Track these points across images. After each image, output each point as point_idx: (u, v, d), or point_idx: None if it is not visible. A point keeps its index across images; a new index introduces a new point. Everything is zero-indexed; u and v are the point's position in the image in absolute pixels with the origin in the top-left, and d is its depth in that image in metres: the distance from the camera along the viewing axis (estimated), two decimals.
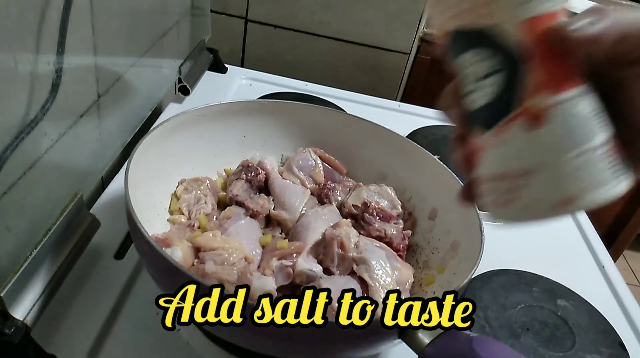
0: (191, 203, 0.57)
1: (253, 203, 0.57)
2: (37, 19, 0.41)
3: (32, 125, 0.42)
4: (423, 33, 1.25)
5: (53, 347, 0.46)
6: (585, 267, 0.71)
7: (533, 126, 0.28)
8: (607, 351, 0.57)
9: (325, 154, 0.66)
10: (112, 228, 0.58)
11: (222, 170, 0.64)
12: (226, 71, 1.00)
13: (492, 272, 0.64)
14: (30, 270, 0.44)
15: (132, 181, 0.46)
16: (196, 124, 0.60)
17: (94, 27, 0.52)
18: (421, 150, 0.61)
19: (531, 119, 0.28)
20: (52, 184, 0.48)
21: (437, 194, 0.59)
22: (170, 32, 0.77)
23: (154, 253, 0.41)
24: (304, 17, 1.15)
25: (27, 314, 0.43)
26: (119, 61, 0.61)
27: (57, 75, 0.45)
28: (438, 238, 0.57)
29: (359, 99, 1.00)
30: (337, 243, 0.52)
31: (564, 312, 0.61)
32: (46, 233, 0.46)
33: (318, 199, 0.62)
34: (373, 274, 0.50)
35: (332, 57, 1.19)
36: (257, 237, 0.55)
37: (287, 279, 0.50)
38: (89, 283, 0.53)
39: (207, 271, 0.46)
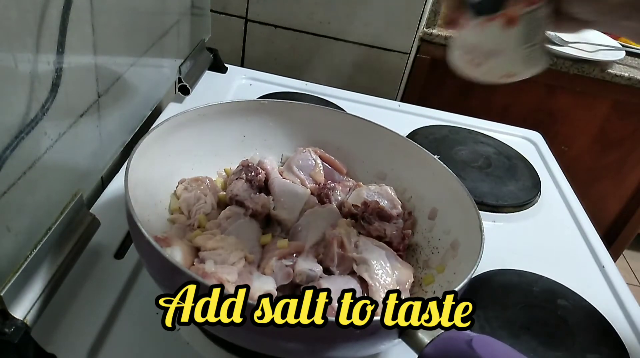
0: (191, 202, 0.57)
1: (253, 203, 0.57)
2: (37, 19, 0.41)
3: (32, 125, 0.42)
4: (423, 33, 1.25)
5: (53, 346, 0.46)
6: (585, 267, 0.71)
7: (508, 26, 0.42)
8: (607, 351, 0.57)
9: (325, 154, 0.66)
10: (112, 228, 0.58)
11: (222, 170, 0.64)
12: (226, 70, 1.00)
13: (492, 272, 0.64)
14: (30, 269, 0.44)
15: (132, 180, 0.46)
16: (196, 124, 0.60)
17: (94, 26, 0.52)
18: (421, 150, 0.61)
19: (508, 21, 0.42)
20: (52, 184, 0.48)
21: (437, 194, 0.59)
22: (170, 31, 0.77)
23: (153, 252, 0.41)
24: (304, 17, 1.15)
25: (27, 313, 0.43)
26: (119, 61, 0.61)
27: (57, 75, 0.45)
28: (438, 237, 0.58)
29: (359, 99, 1.00)
30: (337, 242, 0.52)
31: (564, 312, 0.61)
32: (46, 233, 0.46)
33: (318, 199, 0.62)
34: (373, 274, 0.50)
35: (332, 57, 1.19)
36: (257, 237, 0.55)
37: (287, 279, 0.50)
38: (89, 283, 0.53)
39: (207, 271, 0.46)
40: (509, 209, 0.78)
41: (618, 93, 1.31)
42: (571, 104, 1.34)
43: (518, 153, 0.92)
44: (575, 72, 1.28)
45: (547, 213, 0.80)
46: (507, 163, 0.88)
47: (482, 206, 0.75)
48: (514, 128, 1.02)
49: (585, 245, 0.75)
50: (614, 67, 1.30)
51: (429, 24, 1.25)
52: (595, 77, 1.28)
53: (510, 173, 0.85)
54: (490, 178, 0.83)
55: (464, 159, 0.87)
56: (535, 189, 0.83)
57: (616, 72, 1.28)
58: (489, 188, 0.81)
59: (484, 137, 0.95)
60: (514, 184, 0.83)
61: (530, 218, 0.78)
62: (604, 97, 1.33)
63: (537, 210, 0.80)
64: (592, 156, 1.43)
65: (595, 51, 1.31)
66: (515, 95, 1.32)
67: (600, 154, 1.42)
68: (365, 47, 1.17)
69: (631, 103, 1.33)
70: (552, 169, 0.92)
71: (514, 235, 0.74)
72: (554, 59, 1.26)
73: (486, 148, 0.91)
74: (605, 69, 1.28)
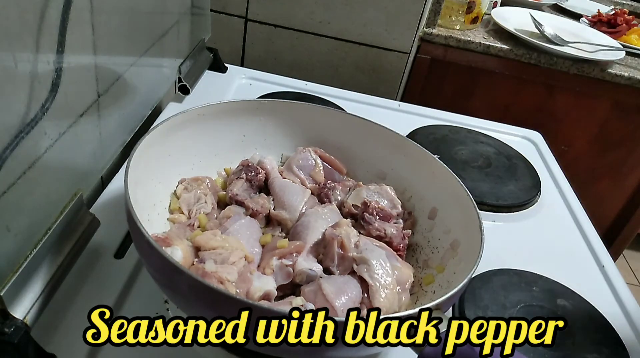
0: (191, 202, 0.57)
1: (253, 203, 0.57)
2: (37, 19, 0.41)
3: (32, 124, 0.42)
4: (423, 33, 1.25)
5: (53, 346, 0.46)
6: (585, 267, 0.71)
7: None
8: (607, 351, 0.57)
9: (325, 154, 0.66)
10: (112, 228, 0.58)
11: (222, 169, 0.64)
12: (226, 70, 1.00)
13: (492, 272, 0.64)
14: (30, 269, 0.44)
15: (132, 180, 0.46)
16: (196, 124, 0.60)
17: (94, 26, 0.52)
18: (421, 150, 0.61)
19: None
20: (52, 183, 0.48)
21: (437, 193, 0.59)
22: (170, 31, 0.77)
23: (153, 252, 0.41)
24: (304, 17, 1.15)
25: (27, 313, 0.43)
26: (118, 61, 0.61)
27: (57, 74, 0.45)
28: (438, 237, 0.57)
29: (359, 98, 1.00)
30: (337, 242, 0.52)
31: (564, 312, 0.61)
32: (46, 233, 0.46)
33: (318, 199, 0.62)
34: (373, 274, 0.50)
35: (332, 57, 1.19)
36: (257, 236, 0.55)
37: (287, 278, 0.50)
38: (89, 283, 0.53)
39: (207, 271, 0.46)
40: (509, 209, 0.78)
41: (618, 93, 1.31)
42: (571, 104, 1.34)
43: (518, 153, 0.92)
44: (575, 72, 1.28)
45: (547, 213, 0.80)
46: (507, 163, 0.88)
47: (482, 206, 0.75)
48: (514, 128, 1.02)
49: (585, 245, 0.75)
50: (614, 67, 1.30)
51: (429, 24, 1.25)
52: (595, 77, 1.28)
53: (510, 173, 0.85)
54: (490, 177, 0.83)
55: (464, 159, 0.87)
56: (535, 189, 0.83)
57: (616, 72, 1.28)
58: (489, 188, 0.81)
59: (484, 137, 0.95)
60: (514, 184, 0.83)
61: (530, 218, 0.78)
62: (604, 97, 1.33)
63: (537, 210, 0.80)
64: (592, 156, 1.43)
65: (595, 51, 1.31)
66: (515, 95, 1.32)
67: (600, 154, 1.42)
68: (365, 47, 1.17)
69: (631, 103, 1.33)
70: (552, 169, 0.92)
71: (514, 234, 0.74)
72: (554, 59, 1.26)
73: (486, 148, 0.91)
74: (605, 69, 1.28)
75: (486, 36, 1.31)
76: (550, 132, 1.11)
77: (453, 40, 1.26)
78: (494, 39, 1.30)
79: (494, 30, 1.37)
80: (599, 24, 1.53)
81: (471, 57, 1.28)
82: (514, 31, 1.30)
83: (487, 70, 1.29)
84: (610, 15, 1.54)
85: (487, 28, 1.38)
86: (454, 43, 1.27)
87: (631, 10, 1.73)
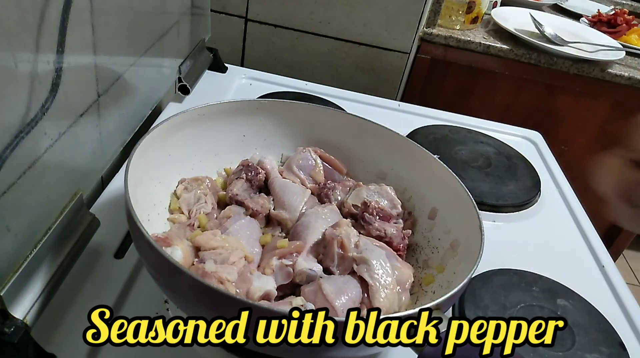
0: (191, 202, 0.57)
1: (253, 203, 0.57)
2: (37, 19, 0.41)
3: (32, 124, 0.42)
4: (423, 33, 1.25)
5: (53, 346, 0.46)
6: (585, 267, 0.71)
7: None
8: (607, 351, 0.57)
9: (325, 154, 0.66)
10: (112, 228, 0.58)
11: (222, 169, 0.64)
12: (226, 70, 1.00)
13: (492, 272, 0.64)
14: (30, 269, 0.44)
15: (132, 180, 0.46)
16: (196, 124, 0.60)
17: (94, 26, 0.52)
18: (421, 150, 0.61)
19: None
20: (52, 183, 0.48)
21: (437, 193, 0.59)
22: (170, 31, 0.77)
23: (153, 252, 0.41)
24: (304, 17, 1.15)
25: (27, 313, 0.43)
26: (118, 61, 0.61)
27: (57, 74, 0.45)
28: (438, 237, 0.57)
29: (359, 98, 1.00)
30: (337, 242, 0.52)
31: (564, 312, 0.61)
32: (46, 233, 0.46)
33: (318, 199, 0.62)
34: (373, 274, 0.50)
35: (332, 57, 1.19)
36: (257, 236, 0.55)
37: (287, 278, 0.50)
38: (89, 283, 0.53)
39: (207, 271, 0.46)
40: (509, 209, 0.78)
41: (618, 93, 1.31)
42: (571, 104, 1.34)
43: (518, 153, 0.92)
44: (575, 72, 1.28)
45: (547, 213, 0.80)
46: (507, 163, 0.88)
47: (482, 206, 0.75)
48: (514, 128, 1.02)
49: (585, 245, 0.75)
50: (614, 67, 1.30)
51: (429, 24, 1.25)
52: (595, 77, 1.28)
53: (510, 173, 0.85)
54: (490, 177, 0.83)
55: (464, 159, 0.87)
56: (535, 189, 0.83)
57: (616, 72, 1.28)
58: (489, 188, 0.81)
59: (484, 137, 0.95)
60: (514, 184, 0.83)
61: (530, 218, 0.78)
62: (604, 97, 1.33)
63: (537, 210, 0.80)
64: (592, 156, 1.43)
65: (595, 51, 1.31)
66: (516, 95, 1.32)
67: (600, 154, 1.42)
68: (365, 47, 1.17)
69: (631, 103, 1.33)
70: (552, 169, 0.92)
71: (514, 234, 0.74)
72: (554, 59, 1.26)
73: (486, 148, 0.91)
74: (605, 69, 1.28)
75: (486, 36, 1.31)
76: (550, 133, 1.11)
77: (453, 40, 1.27)
78: (494, 39, 1.30)
79: (494, 30, 1.37)
80: (599, 24, 1.54)
81: (471, 57, 1.28)
82: (514, 31, 1.30)
83: (487, 70, 1.29)
84: (610, 15, 1.54)
85: (487, 28, 1.38)
86: (454, 43, 1.27)
87: (631, 10, 1.73)
